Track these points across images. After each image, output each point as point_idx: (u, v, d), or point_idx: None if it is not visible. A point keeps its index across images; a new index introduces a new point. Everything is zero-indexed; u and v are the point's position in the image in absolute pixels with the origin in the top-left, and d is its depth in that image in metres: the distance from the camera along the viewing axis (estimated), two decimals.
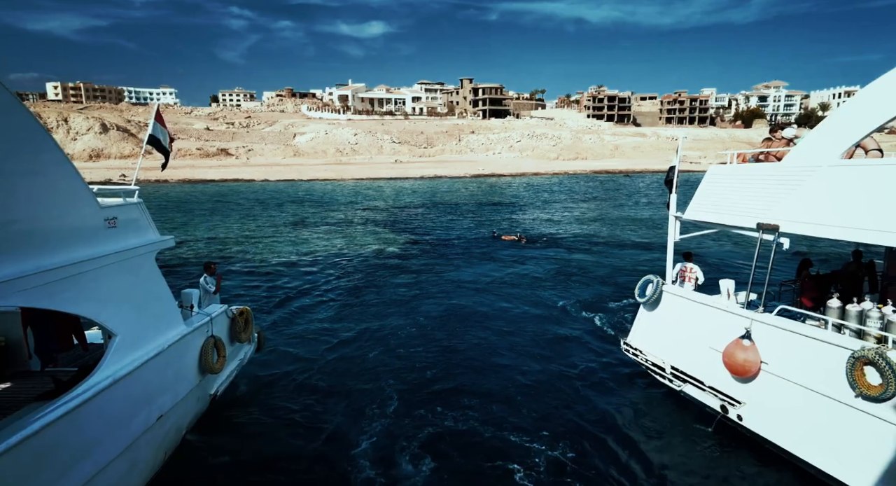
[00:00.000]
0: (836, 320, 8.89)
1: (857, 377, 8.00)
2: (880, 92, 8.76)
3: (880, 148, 10.07)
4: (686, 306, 11.73)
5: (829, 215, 9.09)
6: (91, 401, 7.36)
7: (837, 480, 8.58)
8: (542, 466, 9.87)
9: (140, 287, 9.12)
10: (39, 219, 7.10)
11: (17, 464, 6.16)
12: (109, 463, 7.73)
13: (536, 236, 37.58)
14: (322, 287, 24.28)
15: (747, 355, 9.73)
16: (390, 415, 11.89)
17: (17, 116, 6.72)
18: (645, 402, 12.41)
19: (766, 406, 9.83)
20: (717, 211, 11.31)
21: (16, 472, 6.17)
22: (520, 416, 11.73)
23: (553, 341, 16.49)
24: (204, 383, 10.93)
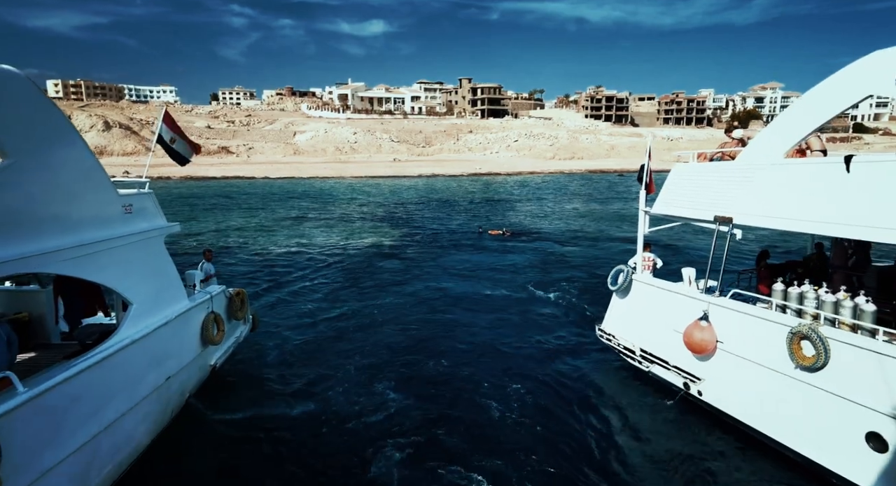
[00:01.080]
0: (780, 302, 10.13)
1: (794, 351, 9.25)
2: (813, 100, 10.07)
3: (824, 149, 11.30)
4: (653, 292, 12.98)
5: (774, 208, 10.35)
6: (113, 356, 8.89)
7: (780, 443, 9.84)
8: (519, 441, 10.81)
9: (151, 264, 10.66)
10: (72, 204, 8.68)
11: (58, 401, 7.65)
12: (127, 412, 9.21)
13: (522, 231, 39.42)
14: (317, 274, 26.12)
15: (704, 334, 10.97)
16: (377, 384, 13.51)
17: (55, 120, 8.40)
18: (617, 383, 13.54)
19: (721, 381, 11.09)
20: (680, 206, 12.53)
21: (57, 407, 7.65)
22: (497, 395, 12.83)
23: (532, 328, 17.76)
24: (205, 354, 12.46)
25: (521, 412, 12.01)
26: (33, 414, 7.16)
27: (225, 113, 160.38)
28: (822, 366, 8.83)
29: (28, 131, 7.88)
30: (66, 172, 8.58)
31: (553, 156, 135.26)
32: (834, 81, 9.51)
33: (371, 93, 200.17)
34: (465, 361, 15.15)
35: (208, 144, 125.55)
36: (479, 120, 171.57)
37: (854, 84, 9.12)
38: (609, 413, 12.02)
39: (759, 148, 10.87)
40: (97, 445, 8.41)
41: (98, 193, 9.34)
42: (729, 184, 11.26)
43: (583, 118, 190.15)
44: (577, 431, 11.20)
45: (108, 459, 8.77)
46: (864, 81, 8.90)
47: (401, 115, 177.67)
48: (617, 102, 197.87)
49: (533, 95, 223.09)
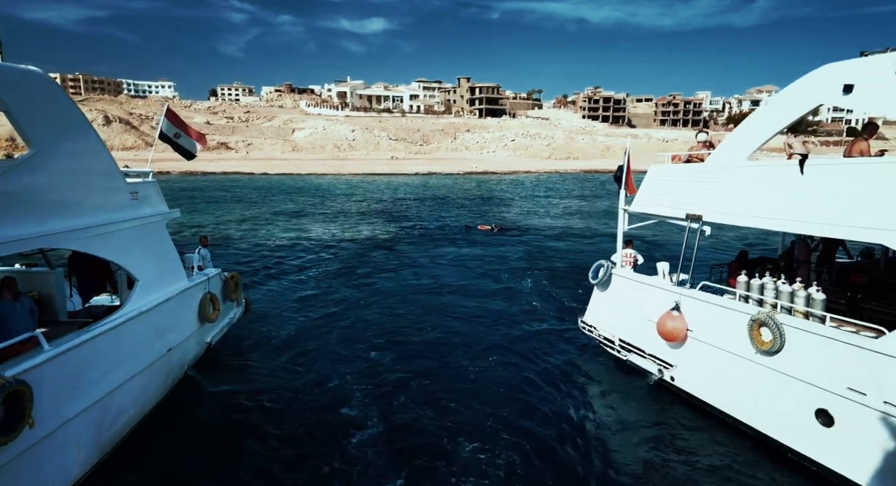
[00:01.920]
0: (743, 292, 11.02)
1: (754, 336, 10.14)
2: (772, 109, 11.02)
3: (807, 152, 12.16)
4: (630, 285, 13.86)
5: (738, 207, 11.24)
6: (123, 325, 10.11)
7: (743, 423, 10.72)
8: (500, 425, 11.40)
9: (155, 246, 11.84)
10: (88, 190, 9.89)
11: (77, 360, 8.84)
12: (133, 376, 10.40)
13: (510, 227, 40.78)
14: (312, 263, 27.57)
15: (675, 323, 11.85)
16: (360, 361, 14.66)
17: (74, 116, 9.71)
18: (597, 371, 14.32)
19: (691, 367, 11.98)
20: (656, 204, 13.40)
21: (76, 365, 8.82)
22: (480, 380, 13.66)
23: (515, 319, 18.64)
24: (202, 331, 13.65)
25: (502, 395, 12.82)
26: (57, 370, 8.31)
27: (224, 109, 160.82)
28: (779, 350, 9.72)
29: (51, 125, 9.05)
30: (83, 161, 9.77)
31: (549, 156, 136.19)
32: (790, 92, 10.41)
33: (370, 91, 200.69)
34: (448, 342, 16.26)
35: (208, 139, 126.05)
36: (477, 119, 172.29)
37: (807, 94, 10.03)
38: (588, 399, 12.82)
39: (725, 151, 11.76)
40: (109, 402, 9.57)
41: (109, 181, 10.51)
42: (698, 184, 12.14)
43: (580, 119, 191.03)
44: (557, 415, 11.91)
45: (118, 416, 9.92)
46: (816, 91, 9.81)
47: (399, 113, 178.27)
48: (614, 103, 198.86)
49: (531, 95, 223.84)
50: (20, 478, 7.62)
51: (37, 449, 7.87)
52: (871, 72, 8.94)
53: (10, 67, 8.84)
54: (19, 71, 8.85)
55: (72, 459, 8.73)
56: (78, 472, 8.89)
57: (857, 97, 9.12)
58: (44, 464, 8.08)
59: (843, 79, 9.22)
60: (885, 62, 8.75)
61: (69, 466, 8.69)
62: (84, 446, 9.00)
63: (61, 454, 8.47)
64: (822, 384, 9.04)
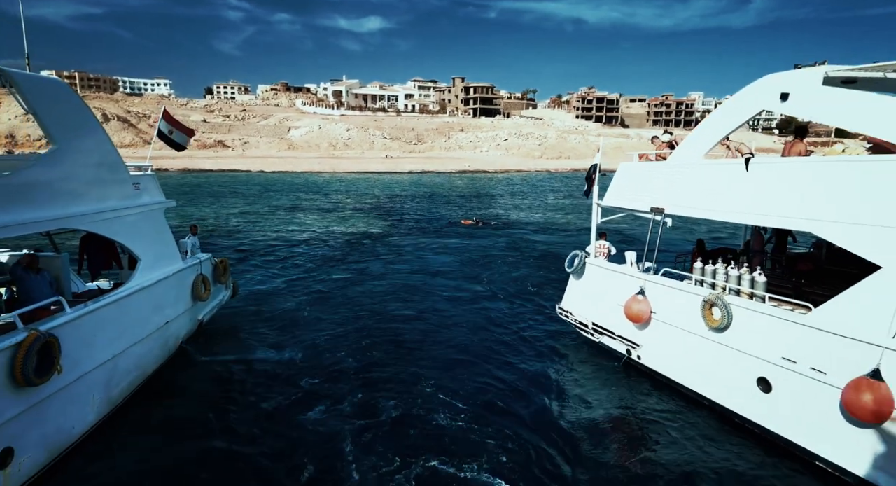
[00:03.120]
0: (698, 277, 12.33)
1: (706, 315, 11.45)
2: (722, 114, 12.38)
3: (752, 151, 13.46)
4: (602, 273, 15.16)
5: (695, 200, 12.55)
6: (128, 298, 11.73)
7: (698, 393, 12.02)
8: (477, 399, 12.51)
9: (154, 231, 13.49)
10: (99, 181, 11.53)
11: (91, 324, 10.39)
12: (136, 343, 11.99)
13: (493, 221, 43.03)
14: (302, 253, 29.65)
15: (641, 306, 13.16)
16: (343, 339, 16.20)
17: (87, 117, 11.41)
18: (572, 353, 15.55)
19: (655, 346, 13.29)
20: (625, 199, 14.69)
21: (91, 328, 10.38)
22: (462, 362, 14.85)
23: (494, 307, 19.99)
24: (194, 309, 15.31)
25: (480, 372, 14.06)
26: (76, 330, 9.85)
27: (220, 107, 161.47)
28: (727, 327, 11.04)
29: (69, 125, 10.75)
30: (95, 156, 11.44)
31: (541, 155, 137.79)
32: (737, 99, 11.75)
33: (365, 90, 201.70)
34: (429, 322, 17.95)
35: (204, 137, 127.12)
36: (471, 119, 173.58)
37: (751, 101, 11.38)
38: (563, 377, 14.02)
39: (683, 151, 13.10)
40: (116, 363, 11.17)
41: (116, 173, 12.19)
42: (661, 180, 13.47)
43: (573, 119, 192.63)
44: (534, 393, 13.00)
45: (123, 375, 11.56)
46: (759, 99, 11.15)
47: (394, 112, 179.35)
48: (607, 104, 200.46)
49: (526, 95, 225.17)
50: (51, 416, 9.23)
51: (63, 394, 9.46)
52: (803, 82, 10.27)
53: (36, 77, 10.65)
54: (44, 80, 10.78)
55: (88, 407, 10.35)
56: (92, 419, 10.49)
57: (791, 104, 10.45)
58: (67, 407, 9.68)
59: (780, 88, 10.56)
60: (815, 74, 10.09)
61: (86, 413, 10.29)
62: (97, 397, 10.63)
63: (80, 401, 10.09)
64: (762, 355, 10.36)
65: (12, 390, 8.32)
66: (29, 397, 8.66)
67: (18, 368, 8.18)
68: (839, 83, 10.37)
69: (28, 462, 8.77)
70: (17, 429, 8.47)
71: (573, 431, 11.25)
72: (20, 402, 8.51)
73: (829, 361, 9.15)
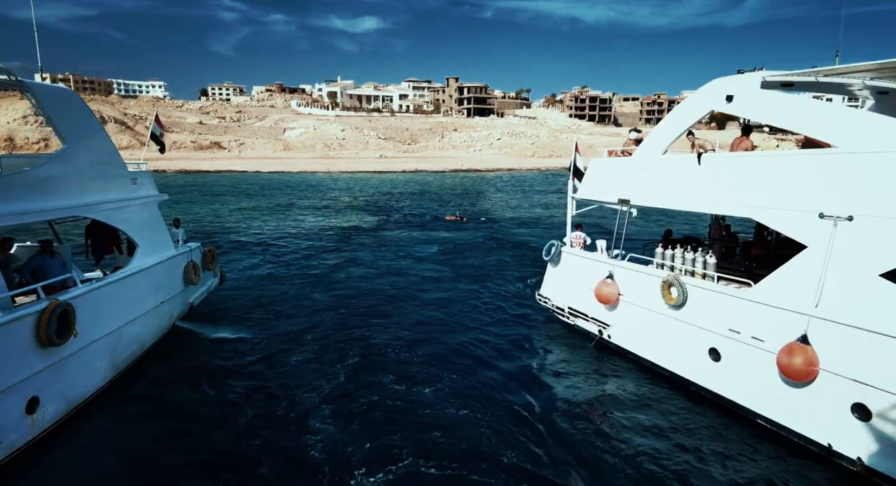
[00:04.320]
0: (660, 261, 13.61)
1: (665, 295, 12.73)
2: (677, 114, 13.68)
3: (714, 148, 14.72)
4: (576, 260, 16.42)
5: (655, 192, 13.84)
6: (128, 278, 13.36)
7: (659, 366, 13.29)
8: (464, 380, 13.44)
9: (150, 221, 15.08)
10: (102, 175, 13.12)
11: (98, 299, 11.99)
12: (135, 319, 13.52)
13: (478, 216, 45.17)
14: (293, 245, 31.52)
15: (609, 289, 14.43)
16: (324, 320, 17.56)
17: (92, 120, 13.10)
18: (550, 334, 16.80)
19: (623, 325, 14.55)
20: (596, 192, 15.97)
21: (98, 302, 11.94)
22: (446, 343, 16.00)
23: (477, 293, 21.40)
24: (186, 292, 16.87)
25: (461, 352, 15.24)
26: (87, 302, 11.42)
27: (216, 109, 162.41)
28: (682, 304, 12.33)
29: (76, 127, 12.40)
30: (98, 154, 13.09)
31: (533, 154, 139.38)
32: (690, 100, 13.08)
33: (360, 91, 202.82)
34: (411, 307, 19.24)
35: (200, 138, 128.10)
36: (465, 118, 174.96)
37: (702, 103, 12.69)
38: (540, 356, 15.20)
39: (645, 147, 14.40)
40: (119, 334, 12.73)
41: (117, 169, 13.83)
42: (627, 174, 14.76)
43: (567, 118, 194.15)
44: (514, 372, 14.11)
45: (126, 345, 13.15)
46: (708, 100, 12.47)
47: (388, 113, 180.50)
48: (600, 103, 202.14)
49: (520, 95, 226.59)
50: (67, 374, 10.84)
51: (77, 356, 11.06)
52: (745, 86, 11.58)
53: (50, 86, 12.53)
54: (56, 89, 12.61)
55: (97, 370, 11.95)
56: (99, 382, 12.06)
57: (735, 105, 11.76)
58: (80, 368, 11.31)
59: (725, 91, 11.87)
60: (754, 79, 11.40)
61: (95, 375, 11.89)
62: (104, 363, 12.22)
63: (91, 364, 11.71)
64: (712, 328, 11.64)
65: (38, 348, 9.89)
66: (51, 356, 10.23)
67: (43, 329, 9.77)
68: (779, 86, 11.70)
69: (50, 412, 10.33)
70: (41, 382, 10.04)
71: (547, 409, 12.17)
72: (44, 359, 10.09)
73: (767, 330, 10.44)
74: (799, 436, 10.15)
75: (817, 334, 9.51)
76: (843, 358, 9.21)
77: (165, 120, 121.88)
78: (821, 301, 9.58)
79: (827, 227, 9.57)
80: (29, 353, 9.73)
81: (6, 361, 9.27)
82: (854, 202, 9.27)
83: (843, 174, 9.56)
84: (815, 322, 9.54)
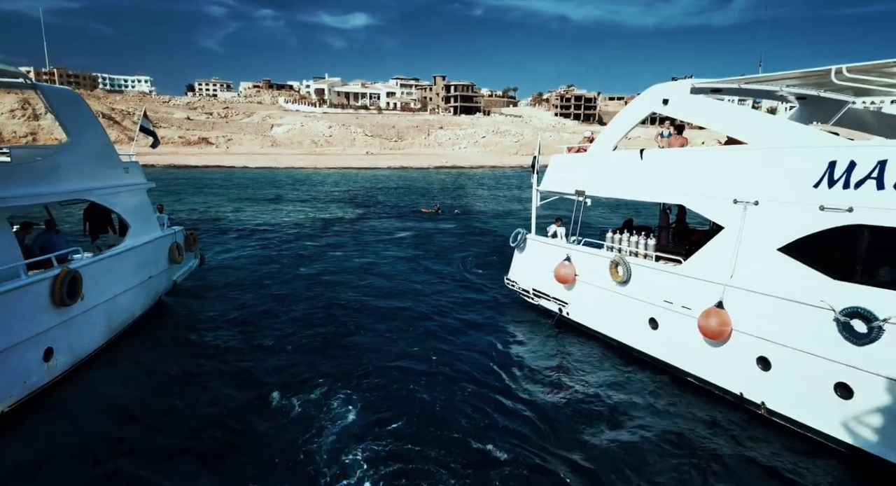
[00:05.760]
0: (609, 244, 15.41)
1: (613, 273, 14.51)
2: (623, 115, 15.51)
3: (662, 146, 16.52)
4: (538, 246, 18.17)
5: (605, 184, 15.66)
6: (122, 254, 15.19)
7: (611, 337, 15.07)
8: (435, 355, 14.57)
9: (140, 205, 17.02)
10: (100, 164, 15.02)
11: (98, 270, 13.73)
12: (127, 290, 15.43)
13: (454, 208, 47.97)
14: (275, 234, 33.75)
15: (567, 270, 16.19)
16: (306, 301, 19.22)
17: (90, 116, 15.10)
18: (516, 313, 18.36)
19: (579, 303, 16.31)
20: (556, 184, 17.73)
21: (97, 273, 13.65)
22: (417, 323, 17.46)
23: (450, 278, 23.27)
24: (170, 270, 18.80)
25: (432, 332, 16.64)
26: (91, 271, 13.26)
27: (203, 105, 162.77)
28: (627, 281, 14.14)
29: (78, 123, 14.31)
30: (97, 145, 15.01)
31: (516, 152, 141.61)
32: (634, 103, 14.94)
33: (348, 88, 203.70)
34: (384, 287, 21.30)
35: (188, 134, 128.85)
36: (451, 117, 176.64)
37: (643, 105, 14.55)
38: (506, 333, 16.70)
39: (597, 144, 16.22)
40: (114, 302, 14.64)
41: (111, 159, 15.74)
42: (582, 168, 16.57)
43: (552, 116, 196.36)
44: (484, 347, 15.52)
45: (119, 313, 15.09)
46: (648, 103, 14.33)
47: (376, 110, 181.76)
48: (585, 102, 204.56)
49: (507, 93, 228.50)
50: (75, 331, 12.72)
51: (82, 316, 12.91)
52: (677, 91, 13.44)
53: (58, 88, 15.10)
54: (63, 91, 15.32)
55: (97, 330, 13.86)
56: (99, 341, 13.98)
57: (670, 108, 13.62)
58: (84, 327, 13.21)
59: (662, 95, 13.74)
60: (684, 85, 13.27)
61: (96, 334, 13.82)
62: (103, 325, 14.12)
63: (94, 324, 13.65)
64: (651, 300, 13.46)
65: (52, 307, 11.77)
66: (62, 314, 12.08)
67: (57, 291, 11.68)
68: (709, 91, 13.57)
69: (61, 361, 12.25)
70: (55, 335, 11.94)
71: (511, 379, 13.41)
72: (57, 316, 11.96)
73: (693, 299, 12.25)
74: (718, 388, 11.97)
75: (730, 300, 11.35)
76: (749, 319, 11.05)
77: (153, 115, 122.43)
78: (734, 273, 11.42)
79: (739, 210, 11.40)
80: (45, 310, 11.60)
81: (28, 316, 11.15)
82: (759, 189, 11.10)
83: (751, 166, 11.40)
84: (729, 290, 11.39)
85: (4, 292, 10.48)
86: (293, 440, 10.31)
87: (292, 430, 10.67)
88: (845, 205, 9.60)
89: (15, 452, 9.82)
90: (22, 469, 9.29)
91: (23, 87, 13.94)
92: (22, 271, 11.33)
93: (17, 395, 10.90)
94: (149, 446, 10.05)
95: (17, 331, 10.84)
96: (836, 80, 10.99)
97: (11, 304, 10.69)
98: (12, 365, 10.75)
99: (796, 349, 10.21)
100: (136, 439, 10.27)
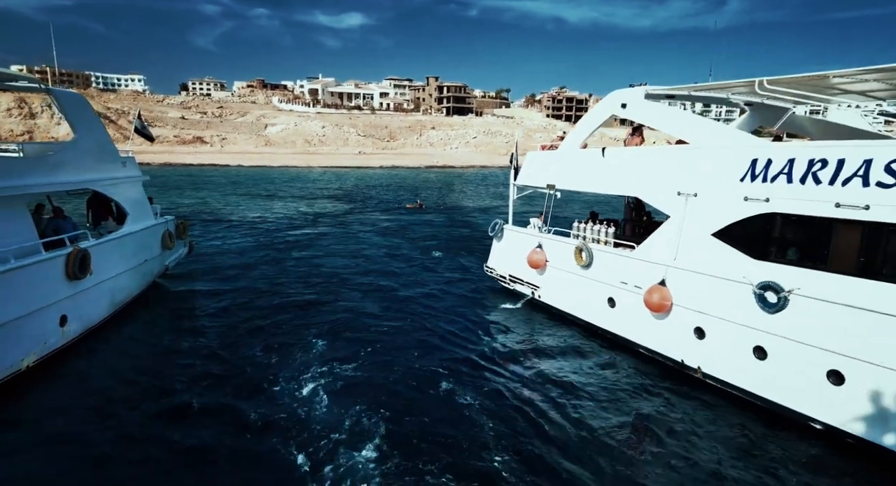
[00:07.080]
0: (575, 232, 17.12)
1: (577, 258, 16.21)
2: (588, 117, 17.27)
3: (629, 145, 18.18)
4: (515, 235, 19.86)
5: (573, 178, 17.40)
6: (122, 238, 17.04)
7: (576, 317, 16.74)
8: (416, 334, 16.03)
9: (136, 196, 18.86)
10: (102, 158, 16.73)
11: (103, 251, 15.55)
12: (128, 270, 17.33)
13: (438, 204, 50.72)
14: (266, 224, 36.17)
15: (539, 256, 17.87)
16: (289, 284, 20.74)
17: (92, 115, 16.88)
18: (492, 297, 20.10)
19: (549, 286, 18.00)
20: (531, 179, 19.42)
21: (103, 254, 15.40)
22: (404, 304, 19.26)
23: (432, 266, 24.99)
24: (163, 256, 20.52)
25: (415, 313, 18.25)
26: (98, 251, 15.02)
27: (197, 104, 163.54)
28: (590, 265, 15.85)
29: (84, 121, 16.08)
30: (99, 142, 16.76)
31: (506, 152, 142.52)
32: (597, 106, 16.67)
33: (341, 88, 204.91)
34: (370, 273, 23.03)
35: (183, 133, 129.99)
36: (443, 117, 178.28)
37: (605, 108, 16.31)
38: (484, 313, 18.35)
39: (566, 143, 17.97)
40: (116, 281, 16.49)
41: (112, 154, 17.44)
42: (553, 164, 18.30)
43: (543, 118, 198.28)
44: (464, 325, 17.08)
45: (120, 290, 16.87)
46: (609, 107, 16.08)
47: (369, 110, 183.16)
48: (577, 103, 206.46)
49: (500, 94, 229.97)
50: (84, 302, 14.51)
51: (90, 291, 14.75)
52: (633, 97, 15.19)
53: (67, 92, 16.77)
54: (71, 94, 17.05)
55: (102, 304, 15.73)
56: (104, 314, 15.82)
57: (628, 111, 15.38)
58: (92, 300, 15.04)
59: (620, 100, 15.49)
60: (639, 91, 15.03)
61: (101, 307, 15.67)
62: (106, 300, 15.96)
63: (100, 298, 15.54)
64: (609, 282, 15.17)
65: (66, 280, 13.58)
66: (74, 287, 13.88)
67: (70, 266, 13.54)
68: (663, 97, 15.35)
69: (73, 328, 14.03)
70: (68, 305, 13.73)
71: (488, 348, 15.20)
72: (70, 288, 13.76)
73: (643, 279, 13.95)
74: (663, 357, 13.67)
75: (672, 278, 13.08)
76: (687, 294, 12.78)
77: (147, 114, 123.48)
78: (677, 255, 13.16)
79: (682, 201, 13.13)
80: (61, 282, 13.43)
81: (46, 286, 12.98)
82: (698, 183, 12.84)
83: (692, 163, 13.15)
84: (671, 270, 13.12)
85: (28, 265, 12.33)
86: (275, 376, 12.84)
87: (274, 373, 13.00)
88: (763, 196, 11.36)
89: (45, 398, 11.78)
90: (54, 412, 11.14)
91: (37, 91, 16.16)
92: (40, 248, 13.14)
93: (39, 353, 12.85)
94: (147, 402, 11.63)
95: (38, 298, 12.69)
96: (758, 90, 12.78)
97: (34, 275, 12.55)
98: (35, 327, 12.67)
99: (724, 319, 11.94)
100: (136, 398, 11.81)
